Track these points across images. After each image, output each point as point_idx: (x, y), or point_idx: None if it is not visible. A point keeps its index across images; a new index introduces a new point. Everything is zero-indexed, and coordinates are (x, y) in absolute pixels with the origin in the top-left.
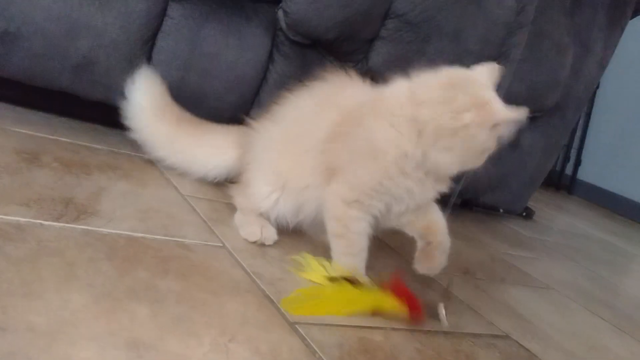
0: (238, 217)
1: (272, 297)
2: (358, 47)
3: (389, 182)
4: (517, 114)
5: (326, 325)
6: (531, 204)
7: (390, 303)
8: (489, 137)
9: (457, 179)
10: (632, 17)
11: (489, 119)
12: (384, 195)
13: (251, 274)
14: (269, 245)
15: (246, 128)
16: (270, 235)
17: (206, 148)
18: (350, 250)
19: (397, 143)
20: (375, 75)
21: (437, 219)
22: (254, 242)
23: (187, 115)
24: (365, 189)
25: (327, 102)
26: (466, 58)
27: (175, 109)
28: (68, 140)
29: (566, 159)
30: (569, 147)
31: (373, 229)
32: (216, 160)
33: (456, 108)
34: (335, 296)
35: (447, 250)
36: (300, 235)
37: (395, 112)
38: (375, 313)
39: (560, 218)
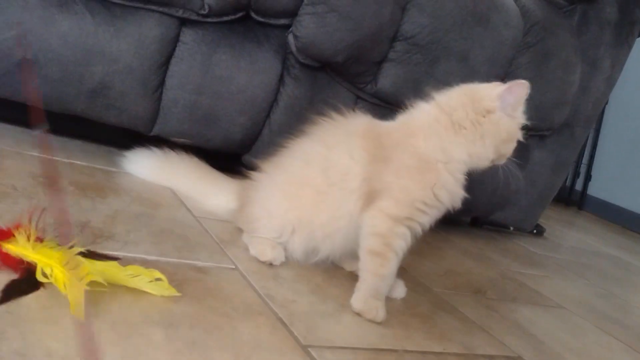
0: (246, 237)
1: (284, 320)
2: (367, 69)
3: (442, 191)
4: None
5: (339, 348)
6: (541, 220)
7: None
8: (510, 121)
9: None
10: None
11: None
12: (433, 208)
13: (263, 296)
14: (281, 268)
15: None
16: (279, 255)
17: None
18: (382, 271)
19: (442, 148)
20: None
21: None
22: (264, 262)
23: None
24: (418, 204)
25: (339, 134)
26: (474, 78)
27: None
28: (83, 163)
29: (576, 174)
30: (578, 162)
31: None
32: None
33: (479, 100)
34: None
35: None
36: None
37: (431, 124)
38: None
39: (570, 235)
